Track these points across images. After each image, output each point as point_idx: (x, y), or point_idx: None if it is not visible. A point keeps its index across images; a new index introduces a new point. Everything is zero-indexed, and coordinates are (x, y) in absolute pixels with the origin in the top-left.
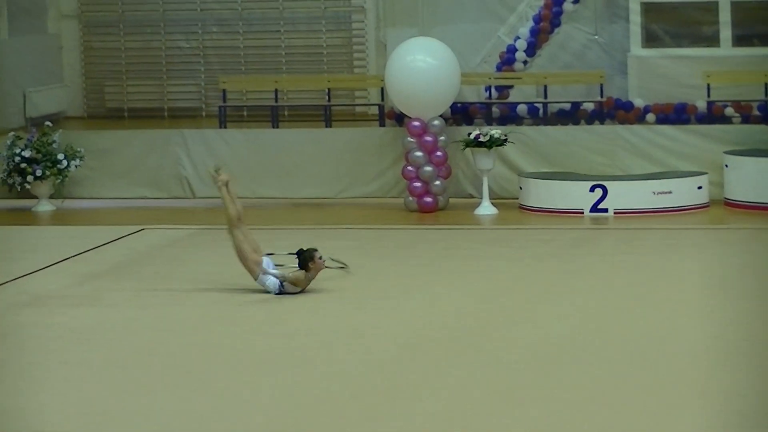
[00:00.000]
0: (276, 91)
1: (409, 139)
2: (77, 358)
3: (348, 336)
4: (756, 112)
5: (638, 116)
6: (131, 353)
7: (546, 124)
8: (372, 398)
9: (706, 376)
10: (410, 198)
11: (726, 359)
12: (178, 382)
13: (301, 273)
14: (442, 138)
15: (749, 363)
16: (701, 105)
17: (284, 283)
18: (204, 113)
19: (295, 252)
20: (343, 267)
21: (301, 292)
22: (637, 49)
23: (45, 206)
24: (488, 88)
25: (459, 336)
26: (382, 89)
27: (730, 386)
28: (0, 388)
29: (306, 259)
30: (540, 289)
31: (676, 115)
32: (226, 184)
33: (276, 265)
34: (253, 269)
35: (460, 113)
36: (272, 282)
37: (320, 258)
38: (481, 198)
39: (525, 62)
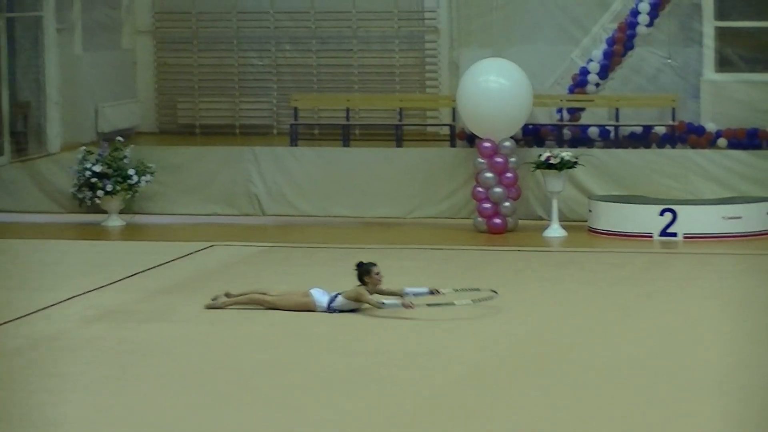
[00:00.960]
0: (348, 109)
1: (480, 160)
2: (147, 373)
3: (419, 356)
4: None
5: (710, 141)
6: (201, 369)
7: (617, 147)
8: (443, 419)
9: None
10: (480, 219)
11: None
12: (246, 400)
13: (360, 287)
14: (513, 159)
15: None
16: None
17: (337, 297)
18: (275, 131)
19: (356, 265)
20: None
21: (357, 310)
22: (710, 73)
23: (115, 221)
24: (560, 110)
25: (531, 358)
26: (454, 110)
27: None
28: (71, 401)
29: (362, 272)
30: (611, 313)
31: (748, 140)
32: (229, 301)
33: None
34: (307, 304)
35: (532, 135)
36: (319, 298)
37: (377, 273)
38: (551, 220)
39: (597, 84)
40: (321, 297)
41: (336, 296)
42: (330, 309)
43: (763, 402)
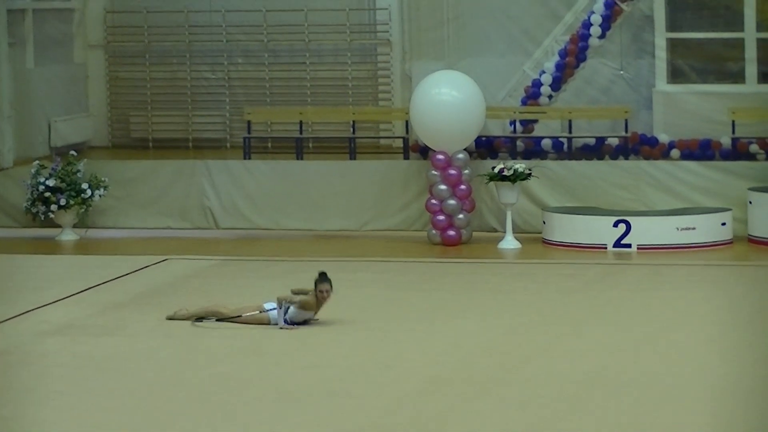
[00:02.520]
0: (301, 122)
1: (434, 172)
2: (99, 387)
3: (372, 369)
4: None
5: (663, 152)
6: (154, 383)
7: (570, 159)
8: None
9: (731, 414)
10: (434, 231)
11: (749, 397)
12: (200, 414)
13: (309, 296)
14: (467, 171)
15: None
16: (726, 141)
17: (290, 308)
18: (229, 144)
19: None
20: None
21: (313, 321)
22: (662, 84)
23: (69, 235)
24: (513, 122)
25: (484, 370)
26: (407, 122)
27: (756, 424)
28: (23, 416)
29: (316, 282)
30: (564, 324)
31: (701, 151)
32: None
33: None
34: (262, 319)
35: (485, 147)
36: (273, 314)
37: (325, 291)
38: (505, 232)
39: (550, 96)
40: (275, 313)
41: (288, 308)
42: (286, 322)
43: (713, 411)
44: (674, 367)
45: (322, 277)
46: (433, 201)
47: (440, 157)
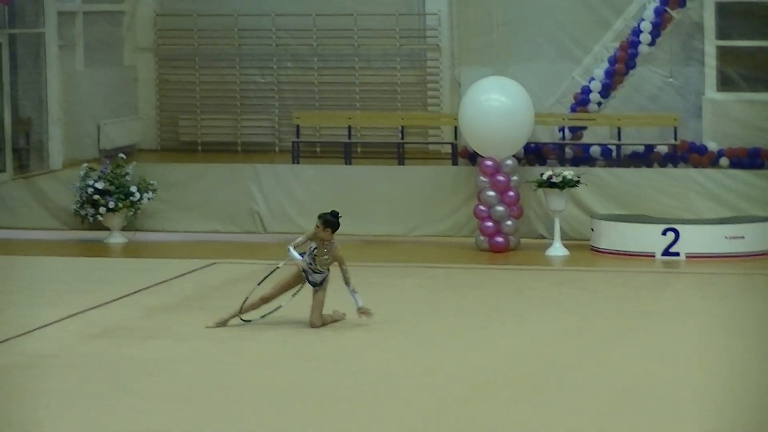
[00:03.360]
0: (349, 127)
1: (482, 178)
2: (147, 390)
3: (417, 375)
4: None
5: (711, 160)
6: (200, 387)
7: (619, 166)
8: None
9: None
10: (481, 237)
11: None
12: (245, 418)
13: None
14: (515, 178)
15: None
16: None
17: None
18: (277, 148)
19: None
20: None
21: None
22: (711, 92)
23: (117, 238)
24: (562, 129)
25: (527, 376)
26: (456, 128)
27: None
28: (70, 417)
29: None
30: (611, 332)
31: (750, 159)
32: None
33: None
34: (296, 271)
35: (533, 153)
36: (298, 256)
37: (317, 225)
38: (553, 239)
39: (599, 103)
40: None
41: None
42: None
43: (759, 423)
44: (720, 377)
45: (324, 215)
46: (481, 207)
47: (489, 163)
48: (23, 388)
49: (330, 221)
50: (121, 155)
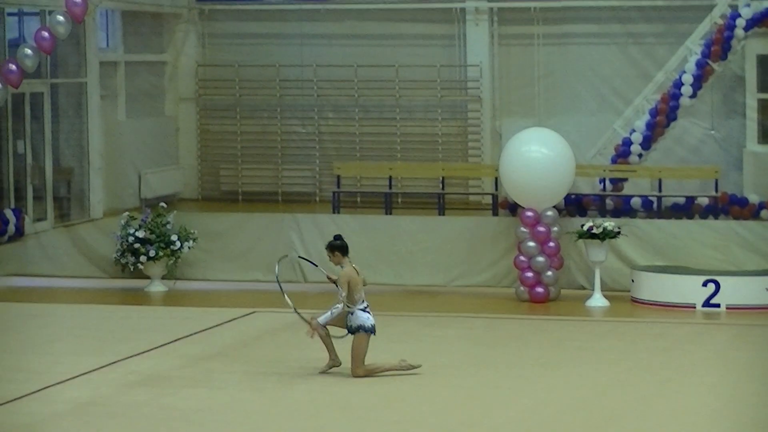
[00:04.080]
0: (390, 177)
1: (522, 229)
2: None
3: (458, 427)
4: None
5: (753, 212)
6: None
7: (660, 218)
8: None
9: None
10: (522, 288)
11: None
12: None
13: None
14: (555, 229)
15: None
16: None
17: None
18: (318, 198)
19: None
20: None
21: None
22: (753, 144)
23: (157, 287)
24: (602, 180)
25: (569, 429)
26: (496, 179)
27: None
28: None
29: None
30: (651, 384)
31: None
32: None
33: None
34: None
35: (574, 204)
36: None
37: (332, 251)
38: (593, 290)
39: (640, 155)
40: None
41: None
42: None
43: None
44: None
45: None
46: (522, 258)
47: (529, 214)
48: None
49: (334, 245)
50: (162, 204)
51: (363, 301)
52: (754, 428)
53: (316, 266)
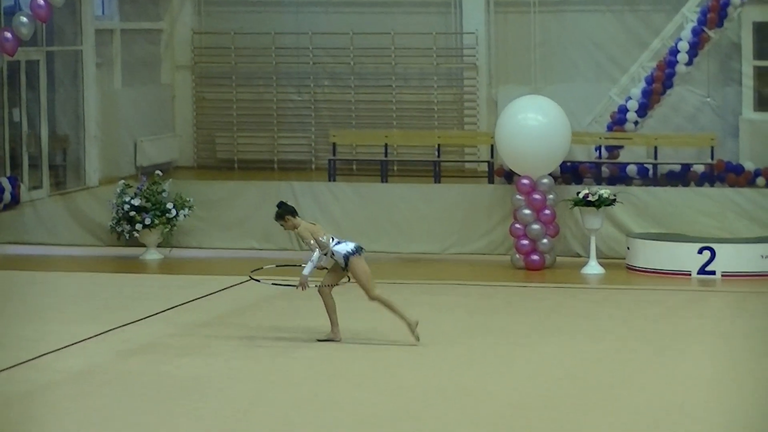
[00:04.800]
0: (386, 145)
1: (518, 196)
2: (184, 408)
3: (456, 394)
4: None
5: (748, 180)
6: (237, 405)
7: (656, 185)
8: None
9: None
10: (517, 255)
11: None
12: None
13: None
14: (551, 196)
15: None
16: None
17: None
18: (314, 166)
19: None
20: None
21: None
22: (749, 112)
23: (153, 255)
24: (598, 148)
25: (565, 397)
26: (492, 146)
27: None
28: None
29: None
30: (647, 352)
31: None
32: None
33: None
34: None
35: (570, 172)
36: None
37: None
38: (589, 257)
39: (636, 123)
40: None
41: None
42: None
43: None
44: (757, 399)
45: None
46: (517, 225)
47: (525, 181)
48: (60, 405)
49: (281, 212)
50: (158, 172)
51: (333, 238)
52: (750, 395)
53: (298, 265)
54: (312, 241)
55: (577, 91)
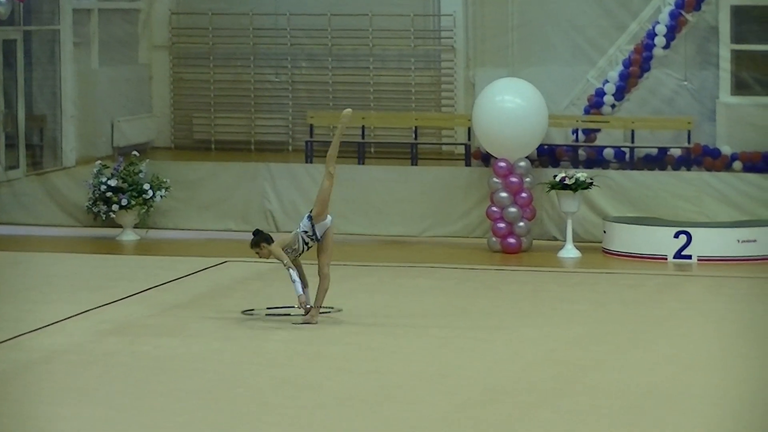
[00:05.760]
0: (363, 127)
1: (495, 179)
2: (162, 389)
3: (431, 376)
4: None
5: (725, 164)
6: (215, 385)
7: (632, 169)
8: None
9: None
10: (494, 238)
11: None
12: (259, 418)
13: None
14: (528, 179)
15: None
16: None
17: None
18: (291, 147)
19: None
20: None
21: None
22: (726, 96)
23: (129, 236)
24: (575, 131)
25: (542, 380)
26: (469, 129)
27: None
28: (85, 415)
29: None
30: (623, 335)
31: (764, 163)
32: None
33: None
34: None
35: (547, 155)
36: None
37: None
38: (565, 241)
39: (613, 106)
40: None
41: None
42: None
43: None
44: (733, 382)
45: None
46: (494, 208)
47: (502, 164)
48: (38, 385)
49: (256, 240)
50: (135, 153)
51: (296, 242)
52: (727, 379)
53: (288, 314)
54: (286, 261)
55: (554, 73)
